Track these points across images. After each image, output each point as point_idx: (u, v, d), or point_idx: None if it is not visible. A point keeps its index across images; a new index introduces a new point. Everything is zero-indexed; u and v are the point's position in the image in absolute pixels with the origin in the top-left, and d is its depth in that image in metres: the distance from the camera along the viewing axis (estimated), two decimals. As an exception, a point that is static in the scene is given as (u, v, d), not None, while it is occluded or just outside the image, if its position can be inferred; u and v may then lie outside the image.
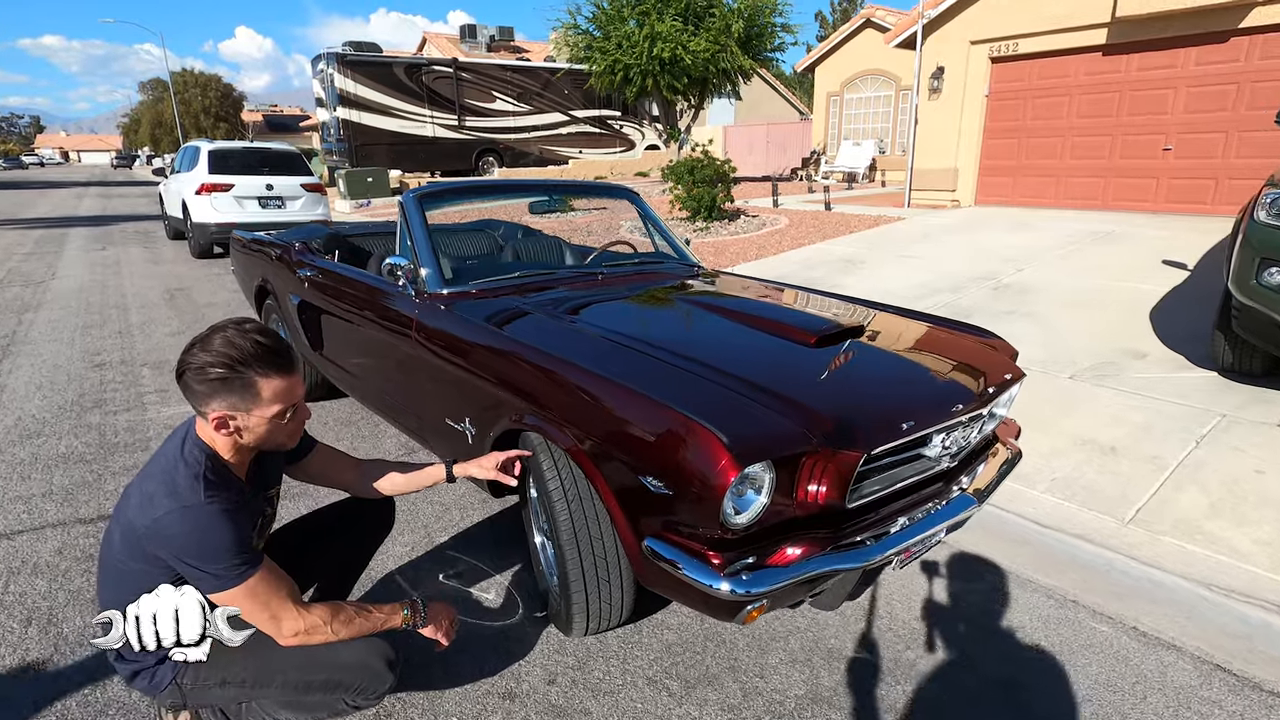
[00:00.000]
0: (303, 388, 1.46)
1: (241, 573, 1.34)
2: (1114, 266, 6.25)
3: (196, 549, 1.31)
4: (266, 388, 1.37)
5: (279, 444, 1.49)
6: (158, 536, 1.32)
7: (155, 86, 55.10)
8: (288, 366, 1.40)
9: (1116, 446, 3.15)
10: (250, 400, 1.37)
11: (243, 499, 1.44)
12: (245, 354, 1.34)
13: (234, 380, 1.34)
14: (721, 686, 1.89)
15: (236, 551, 1.34)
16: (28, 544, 2.54)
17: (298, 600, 1.42)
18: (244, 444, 1.44)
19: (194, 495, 1.33)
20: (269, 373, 1.36)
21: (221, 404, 1.35)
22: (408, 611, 1.56)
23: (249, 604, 1.37)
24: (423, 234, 2.66)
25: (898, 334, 2.38)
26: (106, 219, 15.09)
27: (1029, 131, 9.65)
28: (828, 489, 1.63)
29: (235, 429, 1.39)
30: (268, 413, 1.39)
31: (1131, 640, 2.10)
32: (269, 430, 1.42)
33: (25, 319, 6.05)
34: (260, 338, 1.37)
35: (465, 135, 19.62)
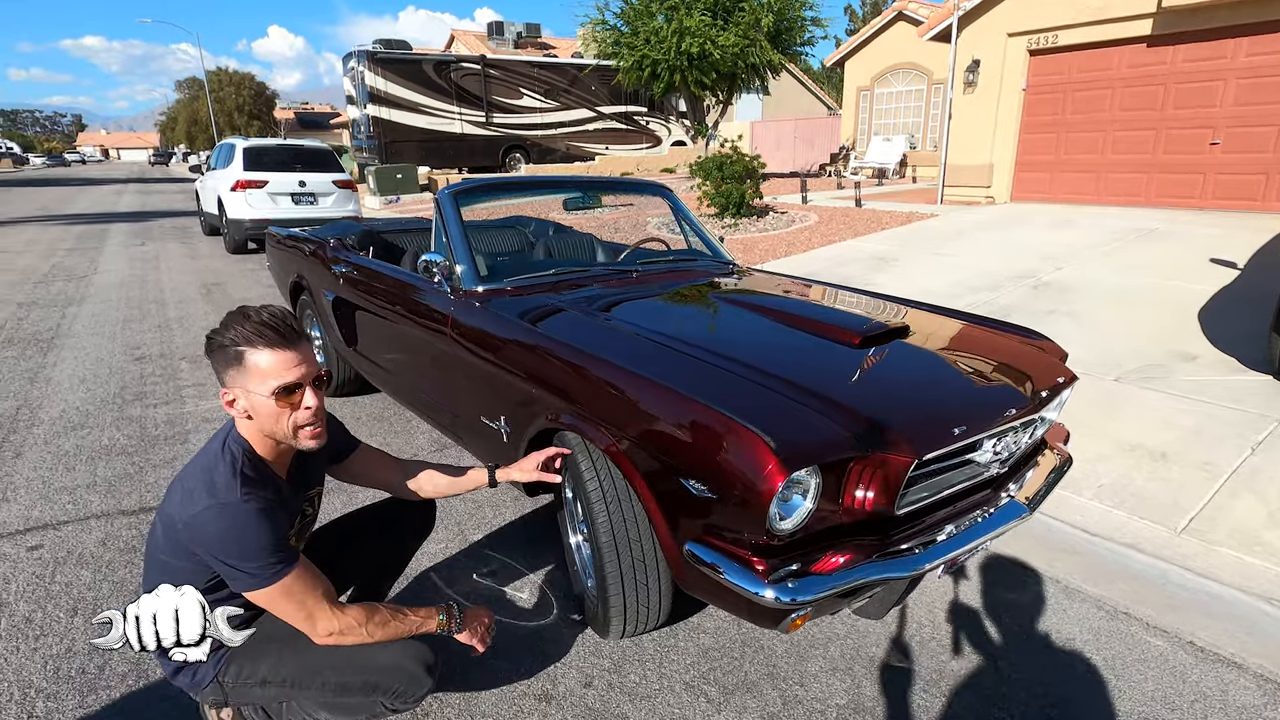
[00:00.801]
0: (304, 370, 1.39)
1: (277, 571, 1.33)
2: (1159, 265, 6.05)
3: (234, 547, 1.31)
4: (254, 359, 1.34)
5: (290, 435, 1.41)
6: (195, 532, 1.32)
7: (191, 85, 56.31)
8: (278, 342, 1.35)
9: (1167, 452, 3.03)
10: (244, 375, 1.35)
11: (281, 498, 1.44)
12: (240, 327, 1.35)
13: (229, 352, 1.35)
14: (760, 693, 1.85)
15: (272, 550, 1.33)
16: (73, 534, 2.59)
17: (333, 600, 1.41)
18: (265, 433, 1.41)
19: (231, 493, 1.33)
20: (258, 345, 1.34)
21: (226, 380, 1.38)
22: (443, 617, 1.54)
23: (285, 603, 1.36)
24: (458, 231, 2.65)
25: (943, 335, 2.31)
26: (145, 215, 15.46)
27: (1068, 126, 9.39)
28: (876, 495, 1.58)
29: (244, 411, 1.38)
30: (263, 389, 1.35)
31: (1188, 655, 2.02)
32: (272, 414, 1.37)
33: (69, 313, 6.20)
34: (263, 315, 1.36)
35: (493, 132, 19.71)
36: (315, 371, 1.42)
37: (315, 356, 1.46)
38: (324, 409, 1.46)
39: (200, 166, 13.41)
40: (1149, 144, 8.73)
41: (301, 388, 1.38)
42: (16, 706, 1.77)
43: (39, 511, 2.75)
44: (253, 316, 1.36)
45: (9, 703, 1.78)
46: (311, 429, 1.42)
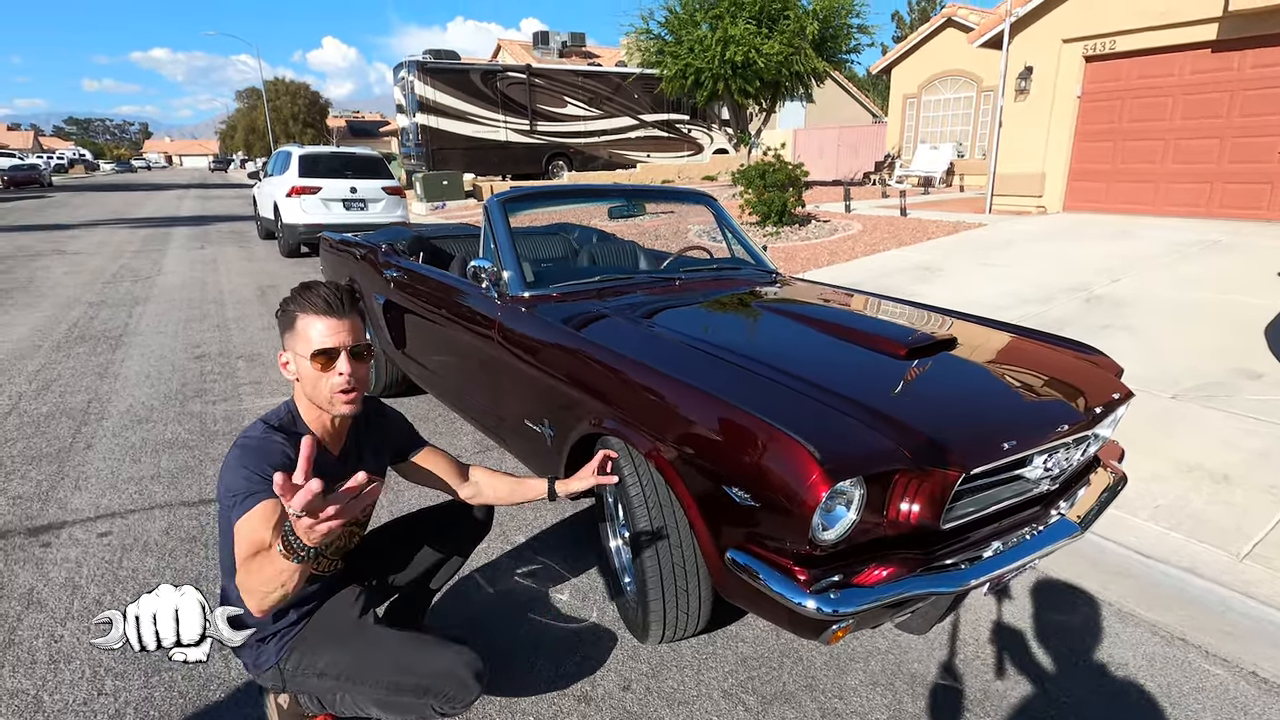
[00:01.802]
0: (343, 338, 1.46)
1: (247, 502, 1.31)
2: (1222, 278, 5.80)
3: (228, 473, 1.38)
4: (303, 324, 1.46)
5: (326, 400, 1.47)
6: (220, 477, 1.41)
7: (250, 95, 58.59)
8: (327, 310, 1.45)
9: (1229, 474, 2.91)
10: (294, 337, 1.47)
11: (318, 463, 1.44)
12: (298, 295, 1.48)
13: (285, 316, 1.49)
14: (799, 705, 1.85)
15: (255, 479, 1.33)
16: (138, 523, 2.72)
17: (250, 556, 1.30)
18: (309, 397, 1.50)
19: (252, 430, 1.46)
20: (307, 311, 1.46)
21: (284, 343, 1.50)
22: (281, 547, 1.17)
23: (239, 538, 1.30)
24: (506, 237, 2.72)
25: (993, 347, 2.27)
26: (205, 219, 16.13)
27: (1125, 134, 9.09)
28: (921, 508, 1.56)
29: (294, 374, 1.50)
30: (306, 352, 1.45)
31: (1250, 687, 1.93)
32: (311, 376, 1.46)
33: (135, 312, 6.52)
34: (321, 289, 1.48)
35: (536, 139, 20.02)
36: (356, 342, 1.49)
37: (363, 331, 1.54)
38: (364, 378, 1.52)
39: (258, 173, 13.94)
40: (1213, 153, 8.39)
41: (339, 353, 1.46)
42: (87, 684, 1.88)
43: (108, 500, 2.90)
44: (313, 288, 1.48)
45: (80, 680, 1.89)
46: (345, 395, 1.48)
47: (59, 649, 2.01)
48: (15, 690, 1.85)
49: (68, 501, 2.89)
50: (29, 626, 2.11)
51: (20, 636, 2.06)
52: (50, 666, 1.94)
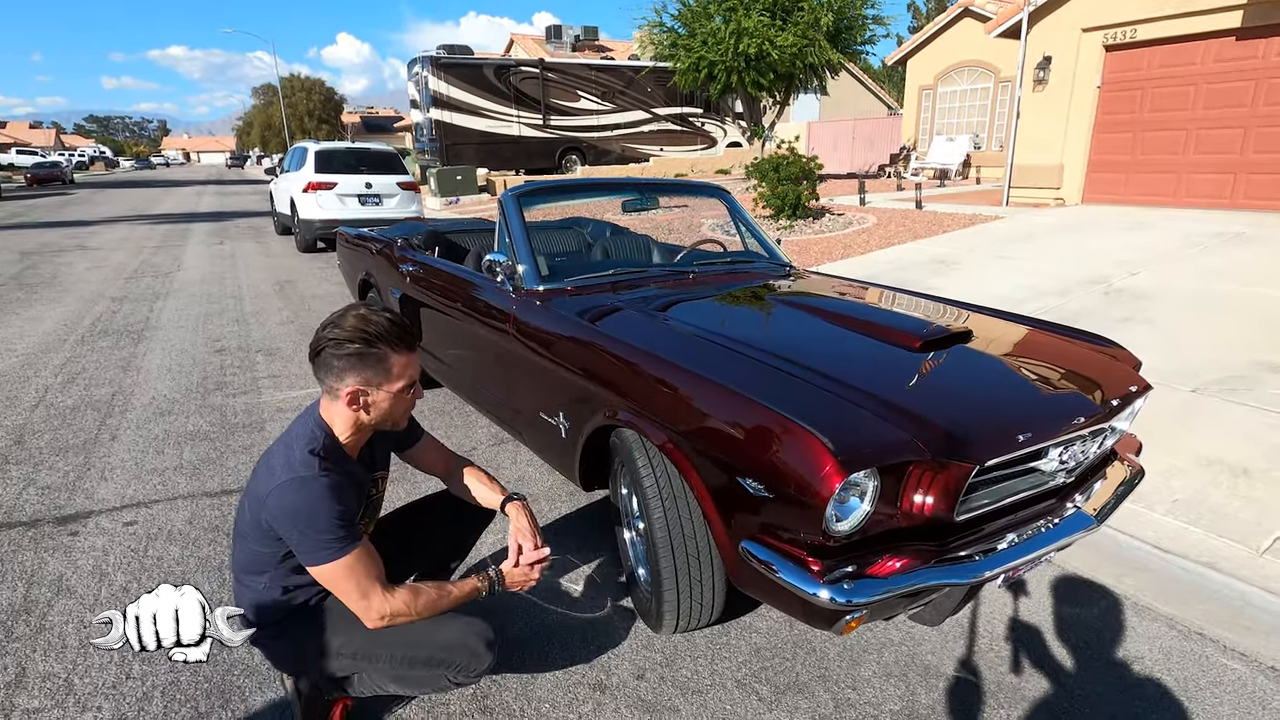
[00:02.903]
0: (419, 366, 1.57)
1: (343, 547, 1.41)
2: (1245, 271, 5.71)
3: (305, 518, 1.40)
4: (397, 363, 1.49)
5: (396, 421, 1.59)
6: (273, 505, 1.42)
7: (266, 91, 59.04)
8: (412, 343, 1.53)
9: (1249, 468, 2.88)
10: (382, 374, 1.48)
11: (353, 478, 1.53)
12: (380, 330, 1.46)
13: (369, 355, 1.46)
14: (812, 695, 1.86)
15: (341, 525, 1.42)
16: (162, 513, 2.78)
17: (385, 584, 1.49)
18: (367, 421, 1.53)
19: (308, 468, 1.43)
20: (400, 348, 1.49)
21: (356, 378, 1.46)
22: (483, 584, 1.62)
23: (344, 580, 1.43)
24: (520, 231, 2.73)
25: (1007, 340, 2.26)
26: (223, 215, 16.32)
27: (1146, 124, 8.95)
28: (935, 500, 1.57)
29: (364, 404, 1.50)
30: (394, 387, 1.50)
31: (1269, 681, 1.92)
32: (392, 405, 1.53)
33: (156, 307, 6.62)
34: (391, 317, 1.51)
35: (550, 134, 20.02)
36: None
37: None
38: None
39: (274, 169, 14.08)
40: (1236, 143, 8.23)
41: (417, 383, 1.56)
42: (115, 668, 1.93)
43: (133, 490, 2.97)
44: (391, 319, 1.50)
45: (109, 665, 1.94)
46: (408, 414, 1.63)
47: (88, 634, 2.06)
48: (47, 674, 1.91)
49: (94, 492, 2.96)
50: (59, 612, 2.16)
51: (51, 622, 2.12)
52: (80, 651, 1.99)
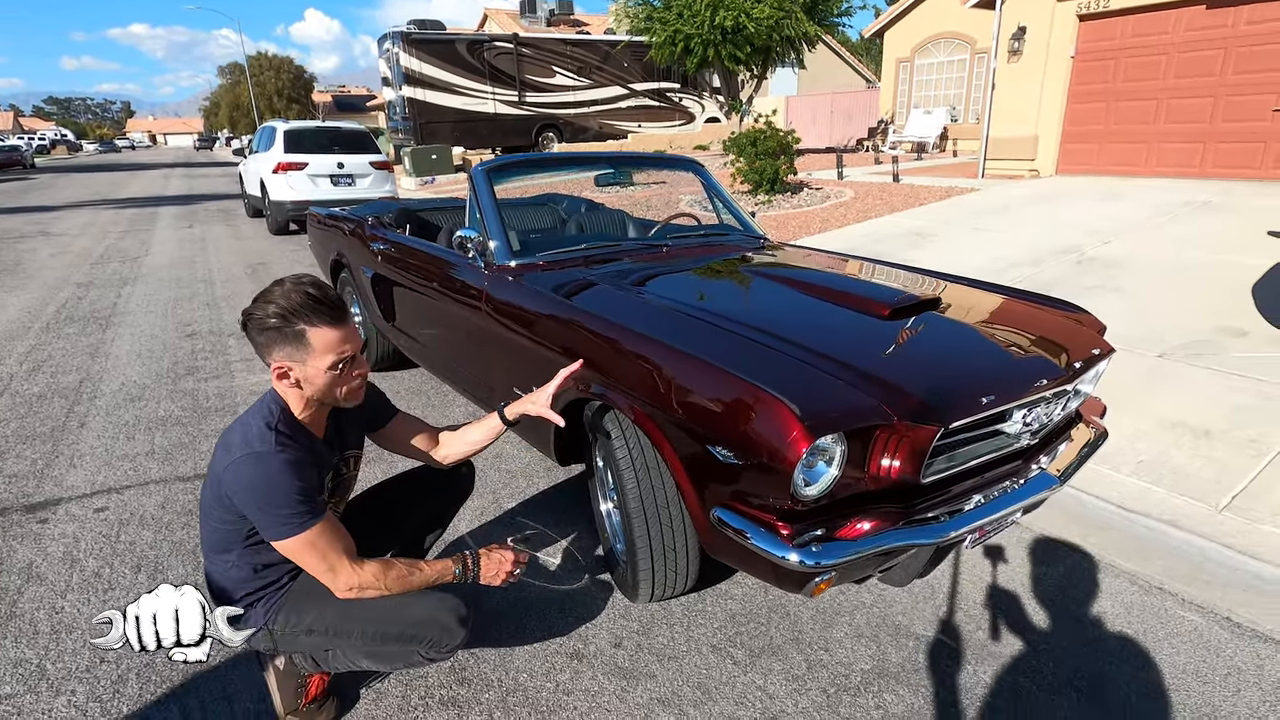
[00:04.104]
0: (356, 341, 1.50)
1: (303, 522, 1.40)
2: (1213, 239, 5.81)
3: (264, 494, 1.39)
4: (316, 338, 1.43)
5: (340, 399, 1.52)
6: (231, 481, 1.41)
7: (233, 70, 57.46)
8: (336, 319, 1.45)
9: (1210, 429, 2.96)
10: (304, 351, 1.43)
11: (314, 454, 1.52)
12: (295, 305, 1.41)
13: (286, 331, 1.41)
14: (786, 657, 1.90)
15: (300, 500, 1.40)
16: (134, 498, 2.75)
17: (353, 557, 1.48)
18: (309, 396, 1.50)
19: (264, 444, 1.42)
20: (317, 323, 1.42)
21: (279, 354, 1.44)
22: (459, 569, 1.59)
23: (308, 554, 1.43)
24: (491, 207, 2.70)
25: (975, 306, 2.29)
26: (192, 198, 15.94)
27: (1119, 95, 9.00)
28: (901, 463, 1.59)
29: (295, 380, 1.47)
30: (321, 363, 1.44)
31: (1224, 631, 1.99)
32: (327, 382, 1.47)
33: (124, 292, 6.48)
34: (311, 290, 1.43)
35: (526, 111, 19.73)
36: (361, 341, 1.52)
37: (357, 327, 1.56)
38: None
39: (244, 150, 13.75)
40: (1205, 112, 8.32)
41: (357, 358, 1.50)
42: (90, 652, 1.91)
43: (103, 476, 2.93)
44: (310, 293, 1.43)
45: (83, 648, 1.93)
46: (357, 390, 1.54)
47: (60, 620, 2.05)
48: (19, 660, 1.89)
49: (63, 479, 2.91)
50: (30, 599, 2.14)
51: (21, 609, 2.09)
52: (52, 637, 1.97)
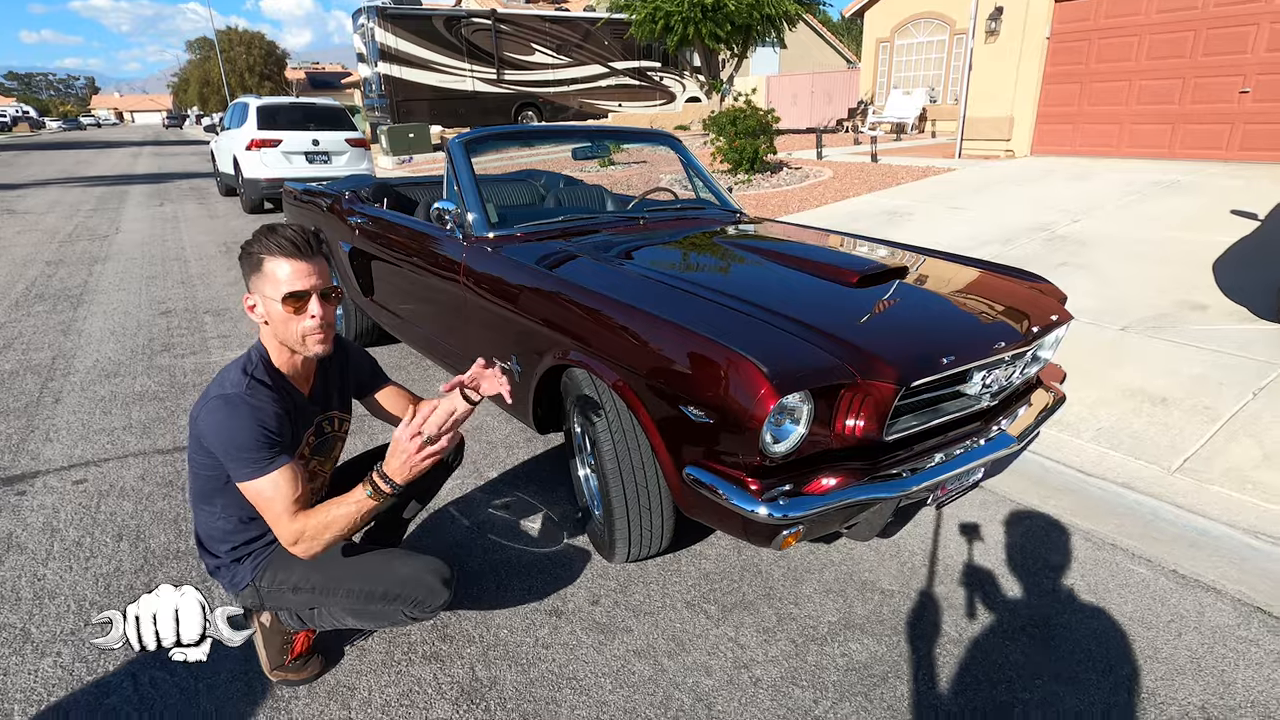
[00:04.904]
0: (314, 282, 1.49)
1: (266, 465, 1.42)
2: (1178, 217, 5.96)
3: (227, 434, 1.42)
4: (271, 267, 1.47)
5: (301, 341, 1.52)
6: (204, 422, 1.45)
7: (202, 46, 55.88)
8: (293, 252, 1.46)
9: (1167, 397, 3.08)
10: (262, 281, 1.48)
11: (291, 405, 1.54)
12: (261, 236, 1.49)
13: (250, 259, 1.49)
14: (757, 611, 1.98)
15: (265, 444, 1.42)
16: (113, 470, 2.75)
17: (300, 508, 1.45)
18: (278, 338, 1.52)
19: (236, 387, 1.47)
20: (275, 254, 1.47)
21: (250, 285, 1.51)
22: (369, 490, 1.44)
23: (264, 498, 1.43)
24: (469, 179, 2.72)
25: (941, 275, 2.36)
26: (162, 177, 15.58)
27: (1093, 75, 9.13)
28: (866, 421, 1.66)
29: (262, 316, 1.52)
30: (276, 294, 1.47)
31: (1170, 582, 2.10)
32: (282, 318, 1.48)
33: (95, 270, 6.37)
34: (287, 231, 1.49)
35: (504, 89, 19.49)
36: (325, 285, 1.52)
37: (329, 273, 1.56)
38: (333, 320, 1.56)
39: (216, 127, 13.45)
40: (1175, 93, 8.48)
41: (309, 296, 1.49)
42: (74, 616, 1.94)
43: (80, 450, 2.92)
44: (278, 231, 1.48)
45: (67, 612, 1.95)
46: (317, 336, 1.52)
47: (43, 586, 2.06)
48: (2, 624, 1.91)
49: (39, 453, 2.90)
50: (10, 568, 2.15)
51: (3, 577, 2.11)
52: (35, 603, 2.00)
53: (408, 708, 1.66)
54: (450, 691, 1.70)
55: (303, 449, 1.60)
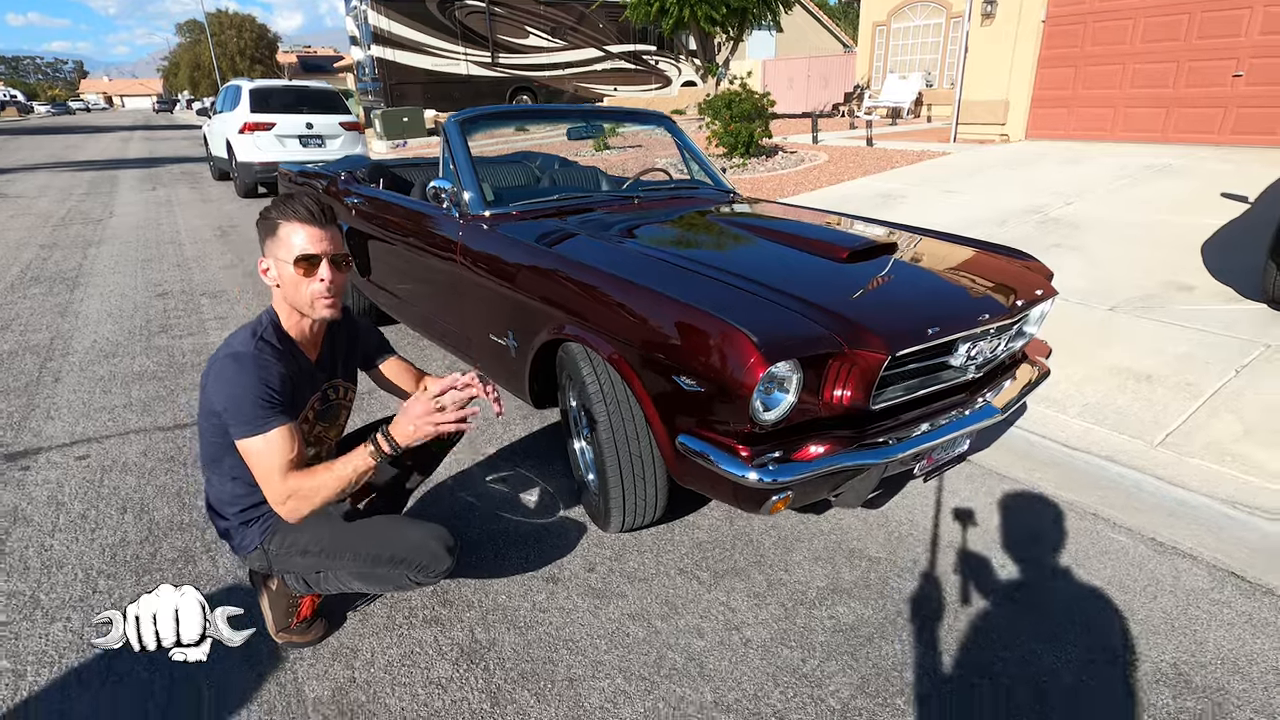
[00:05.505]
0: (326, 247, 1.54)
1: (264, 423, 1.45)
2: (1169, 200, 6.01)
3: (228, 389, 1.46)
4: (285, 231, 1.53)
5: (310, 305, 1.55)
6: (210, 380, 1.50)
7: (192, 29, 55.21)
8: (308, 219, 1.52)
9: (1153, 375, 3.14)
10: (275, 244, 1.54)
11: (297, 369, 1.59)
12: (279, 202, 1.55)
13: (265, 223, 1.55)
14: (748, 578, 2.04)
15: (266, 402, 1.46)
16: (115, 447, 2.79)
17: (295, 470, 1.47)
18: (288, 301, 1.57)
19: (244, 346, 1.52)
20: (290, 219, 1.52)
21: (265, 249, 1.57)
22: (372, 448, 1.48)
23: (258, 457, 1.46)
24: (465, 157, 2.74)
25: (931, 252, 2.40)
26: (154, 161, 15.47)
27: (1087, 59, 9.13)
28: (853, 391, 1.71)
29: (275, 280, 1.57)
30: (288, 258, 1.52)
31: (1148, 549, 2.17)
32: (293, 280, 1.53)
33: (89, 253, 6.36)
34: (304, 199, 1.54)
35: (499, 73, 19.37)
36: (336, 251, 1.57)
37: (342, 242, 1.61)
38: (342, 286, 1.61)
39: (208, 110, 13.35)
40: (1169, 77, 8.49)
41: (320, 260, 1.54)
42: (81, 584, 1.99)
43: (82, 427, 2.96)
44: (295, 199, 1.54)
45: (74, 581, 2.00)
46: (325, 300, 1.57)
47: (50, 556, 2.11)
48: (12, 592, 1.96)
49: (41, 430, 2.94)
50: (18, 539, 2.20)
51: (10, 548, 2.15)
52: (44, 571, 2.04)
53: (410, 668, 1.71)
54: (451, 652, 1.76)
55: (307, 413, 1.64)
